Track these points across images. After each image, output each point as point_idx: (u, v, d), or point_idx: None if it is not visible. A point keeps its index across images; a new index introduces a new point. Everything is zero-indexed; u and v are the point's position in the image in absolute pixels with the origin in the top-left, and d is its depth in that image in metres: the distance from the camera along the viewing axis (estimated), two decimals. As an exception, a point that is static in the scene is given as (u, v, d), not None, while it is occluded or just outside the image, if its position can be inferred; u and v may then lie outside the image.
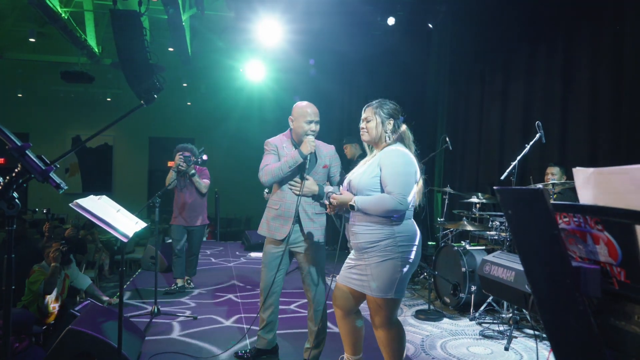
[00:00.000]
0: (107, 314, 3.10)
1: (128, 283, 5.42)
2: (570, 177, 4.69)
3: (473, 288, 4.25)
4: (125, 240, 2.18)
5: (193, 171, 4.95)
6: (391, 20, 6.76)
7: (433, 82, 7.24)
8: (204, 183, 5.09)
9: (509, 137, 6.08)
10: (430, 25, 6.53)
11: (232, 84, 10.15)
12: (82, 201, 2.08)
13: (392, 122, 2.34)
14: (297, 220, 2.87)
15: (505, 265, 3.12)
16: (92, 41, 8.91)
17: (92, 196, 2.26)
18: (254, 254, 7.62)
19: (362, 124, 2.39)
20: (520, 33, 5.93)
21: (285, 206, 2.89)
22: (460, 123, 6.91)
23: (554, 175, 4.56)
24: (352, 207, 2.23)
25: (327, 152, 3.01)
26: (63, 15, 7.73)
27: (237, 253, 7.84)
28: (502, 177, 3.83)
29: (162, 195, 4.21)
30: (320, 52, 7.44)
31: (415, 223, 2.33)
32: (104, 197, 2.47)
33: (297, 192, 2.82)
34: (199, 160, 4.69)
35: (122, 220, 2.27)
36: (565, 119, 5.37)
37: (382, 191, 2.21)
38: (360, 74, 7.92)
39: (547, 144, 5.52)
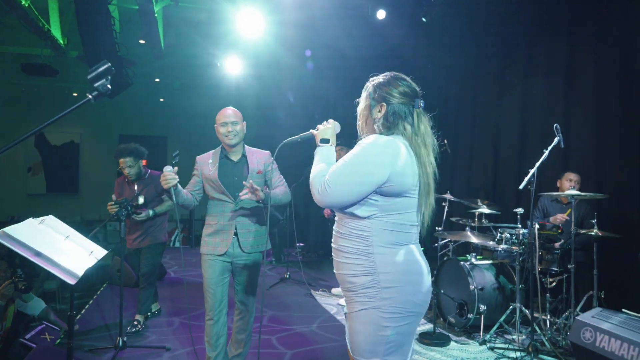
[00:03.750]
0: (56, 356, 2.53)
1: (91, 302, 4.80)
2: (582, 185, 4.33)
3: (482, 308, 3.83)
4: (72, 282, 1.62)
5: (143, 214, 3.86)
6: (381, 14, 6.33)
7: (433, 80, 6.83)
8: (168, 204, 4.07)
9: (506, 140, 5.73)
10: (423, 19, 6.09)
11: (208, 79, 9.53)
12: (11, 229, 1.52)
13: (383, 107, 1.66)
14: (236, 233, 2.72)
15: (628, 339, 2.28)
16: (56, 32, 8.14)
17: (30, 220, 1.70)
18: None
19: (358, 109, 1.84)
20: (523, 32, 5.57)
21: (223, 219, 2.72)
22: (460, 125, 6.53)
23: (573, 182, 4.18)
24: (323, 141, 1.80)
25: (260, 157, 2.86)
26: (23, 2, 6.99)
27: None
28: (521, 187, 3.40)
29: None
30: (306, 45, 6.91)
31: (418, 253, 1.64)
32: (50, 218, 1.91)
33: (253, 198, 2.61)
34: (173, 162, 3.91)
35: (70, 253, 1.71)
36: (567, 121, 5.03)
37: (367, 208, 1.59)
38: (352, 69, 7.44)
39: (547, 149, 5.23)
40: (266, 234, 2.80)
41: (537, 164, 3.41)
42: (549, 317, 3.86)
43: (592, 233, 3.66)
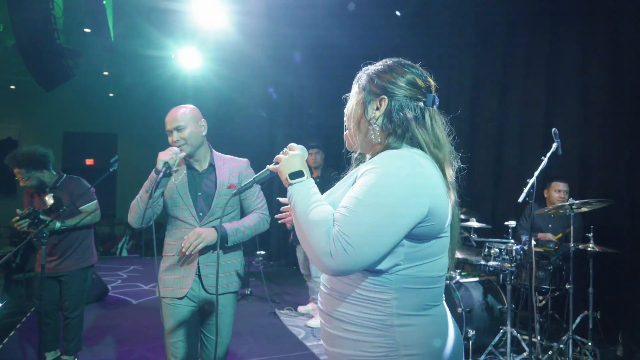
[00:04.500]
0: None
1: (12, 334, 4.05)
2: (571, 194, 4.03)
3: (471, 333, 3.42)
4: None
5: (58, 224, 3.09)
6: (351, 6, 5.90)
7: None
8: (89, 217, 3.27)
9: (483, 143, 5.42)
10: (397, 13, 5.69)
11: (162, 73, 8.79)
12: None
13: (383, 101, 1.18)
14: (199, 268, 2.12)
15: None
16: (-12, 16, 7.22)
17: None
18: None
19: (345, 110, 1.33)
20: (502, 27, 5.27)
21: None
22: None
23: (562, 192, 3.87)
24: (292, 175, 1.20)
25: (234, 167, 2.26)
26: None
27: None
28: (520, 200, 3.01)
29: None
30: (270, 37, 6.34)
31: (449, 316, 1.20)
32: None
33: (185, 250, 2.01)
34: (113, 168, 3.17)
35: None
36: (549, 122, 4.76)
37: (386, 258, 1.13)
38: (322, 63, 6.95)
39: (527, 153, 4.97)
40: (242, 267, 2.27)
41: (536, 173, 3.04)
42: (538, 338, 3.51)
43: (589, 248, 3.34)
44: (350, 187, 1.13)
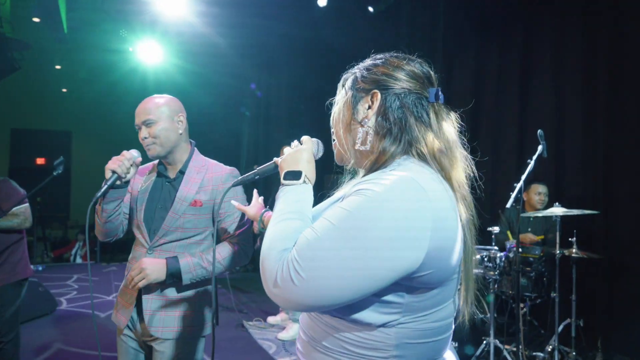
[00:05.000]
0: None
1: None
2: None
3: (453, 345, 3.22)
4: None
5: None
6: (322, 1, 5.66)
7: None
8: (15, 220, 2.78)
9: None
10: (370, 9, 5.50)
11: (120, 67, 8.29)
12: None
13: (376, 97, 0.96)
14: (139, 299, 1.68)
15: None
16: None
17: None
18: (147, 284, 5.98)
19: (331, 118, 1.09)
20: (474, 25, 5.16)
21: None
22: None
23: (542, 195, 3.77)
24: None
25: (210, 178, 1.74)
26: None
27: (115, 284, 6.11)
28: (508, 205, 2.85)
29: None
30: (236, 28, 6.00)
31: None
32: None
33: (129, 286, 1.65)
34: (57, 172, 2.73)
35: None
36: (525, 121, 4.69)
37: (382, 310, 0.91)
38: (287, 61, 6.66)
39: (503, 158, 4.90)
40: (207, 305, 1.74)
41: (524, 177, 2.89)
42: (520, 347, 3.37)
43: (573, 254, 3.23)
44: (335, 202, 0.94)
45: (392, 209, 0.79)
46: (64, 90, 11.62)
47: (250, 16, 5.77)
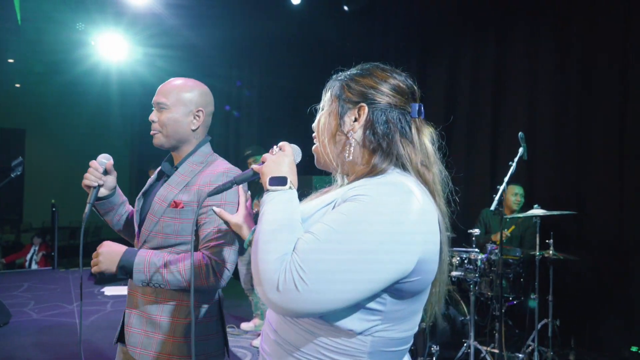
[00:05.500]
0: None
1: None
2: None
3: (435, 348, 3.20)
4: None
5: None
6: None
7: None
8: None
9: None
10: (345, 8, 5.44)
11: (80, 62, 7.88)
12: None
13: (363, 110, 0.99)
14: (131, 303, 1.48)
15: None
16: None
17: None
18: (109, 290, 5.69)
19: (314, 125, 1.11)
20: (449, 27, 5.20)
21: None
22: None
23: (518, 196, 3.81)
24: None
25: (200, 176, 1.47)
26: None
27: (84, 292, 5.78)
28: (492, 207, 2.84)
29: None
30: (207, 22, 5.80)
31: None
32: None
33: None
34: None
35: None
36: (497, 121, 4.76)
37: (362, 317, 0.92)
38: (260, 58, 6.51)
39: (475, 159, 4.95)
40: (202, 345, 1.44)
41: (506, 179, 2.89)
42: (497, 350, 3.38)
43: (552, 255, 3.26)
44: (325, 202, 0.96)
45: (389, 214, 0.83)
46: (18, 85, 11.03)
47: (222, 10, 5.60)
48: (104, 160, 1.48)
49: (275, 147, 1.07)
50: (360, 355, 0.88)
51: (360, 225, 0.82)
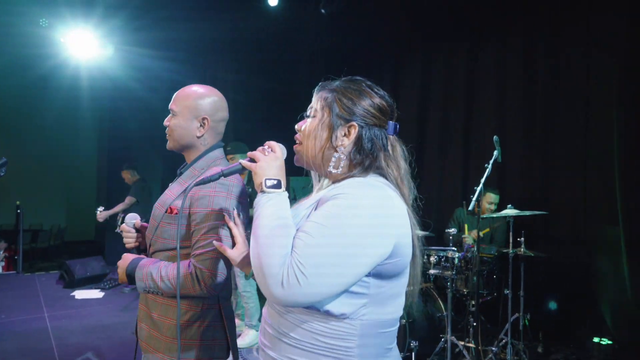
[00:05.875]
0: None
1: None
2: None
3: (414, 344, 3.31)
4: None
5: None
6: (273, 1, 5.60)
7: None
8: None
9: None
10: (322, 11, 5.51)
11: (47, 60, 7.54)
12: None
13: (353, 129, 1.09)
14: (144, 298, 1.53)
15: None
16: None
17: None
18: (80, 294, 5.54)
19: (298, 126, 1.18)
20: (425, 31, 5.36)
21: None
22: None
23: (492, 204, 3.99)
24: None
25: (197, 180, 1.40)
26: None
27: (53, 294, 5.61)
28: (470, 208, 2.97)
29: None
30: (186, 19, 5.72)
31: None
32: None
33: None
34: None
35: None
36: (469, 123, 4.96)
37: (348, 301, 1.02)
38: (235, 58, 6.48)
39: (449, 160, 5.13)
40: (204, 349, 1.46)
41: (483, 180, 3.02)
42: (473, 344, 3.53)
43: (524, 253, 3.44)
44: (308, 206, 1.08)
45: (368, 207, 0.96)
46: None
47: (196, 12, 5.54)
48: (133, 220, 1.57)
49: (265, 146, 1.14)
50: (351, 338, 0.98)
51: (345, 219, 0.93)
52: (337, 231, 0.92)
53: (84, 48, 6.41)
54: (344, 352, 0.98)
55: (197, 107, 1.53)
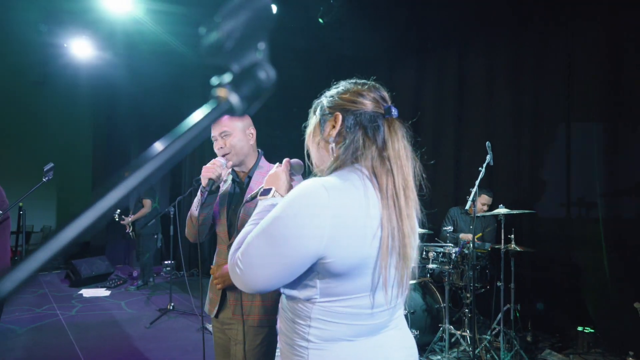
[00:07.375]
0: None
1: None
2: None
3: (415, 333, 3.58)
4: None
5: None
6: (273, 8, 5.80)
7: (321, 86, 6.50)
8: None
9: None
10: (320, 20, 5.73)
11: (44, 64, 7.66)
12: None
13: (338, 118, 1.14)
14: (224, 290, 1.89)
15: None
16: None
17: None
18: (87, 292, 5.70)
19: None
20: (416, 39, 5.63)
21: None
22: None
23: (485, 206, 4.28)
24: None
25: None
26: None
27: (61, 292, 5.76)
28: (467, 207, 3.24)
29: None
30: (185, 26, 5.90)
31: (376, 349, 1.11)
32: None
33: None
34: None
35: None
36: (459, 131, 5.25)
37: (304, 290, 1.10)
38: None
39: (440, 163, 5.41)
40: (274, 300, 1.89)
41: (477, 182, 3.29)
42: (468, 332, 3.81)
43: (512, 248, 3.72)
44: None
45: (295, 208, 1.00)
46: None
47: (194, 18, 5.71)
48: (224, 161, 1.80)
49: (285, 162, 1.38)
50: (307, 318, 1.08)
51: (275, 221, 1.01)
52: (267, 232, 1.02)
53: (82, 52, 6.52)
54: (301, 328, 1.10)
55: (243, 123, 1.90)
